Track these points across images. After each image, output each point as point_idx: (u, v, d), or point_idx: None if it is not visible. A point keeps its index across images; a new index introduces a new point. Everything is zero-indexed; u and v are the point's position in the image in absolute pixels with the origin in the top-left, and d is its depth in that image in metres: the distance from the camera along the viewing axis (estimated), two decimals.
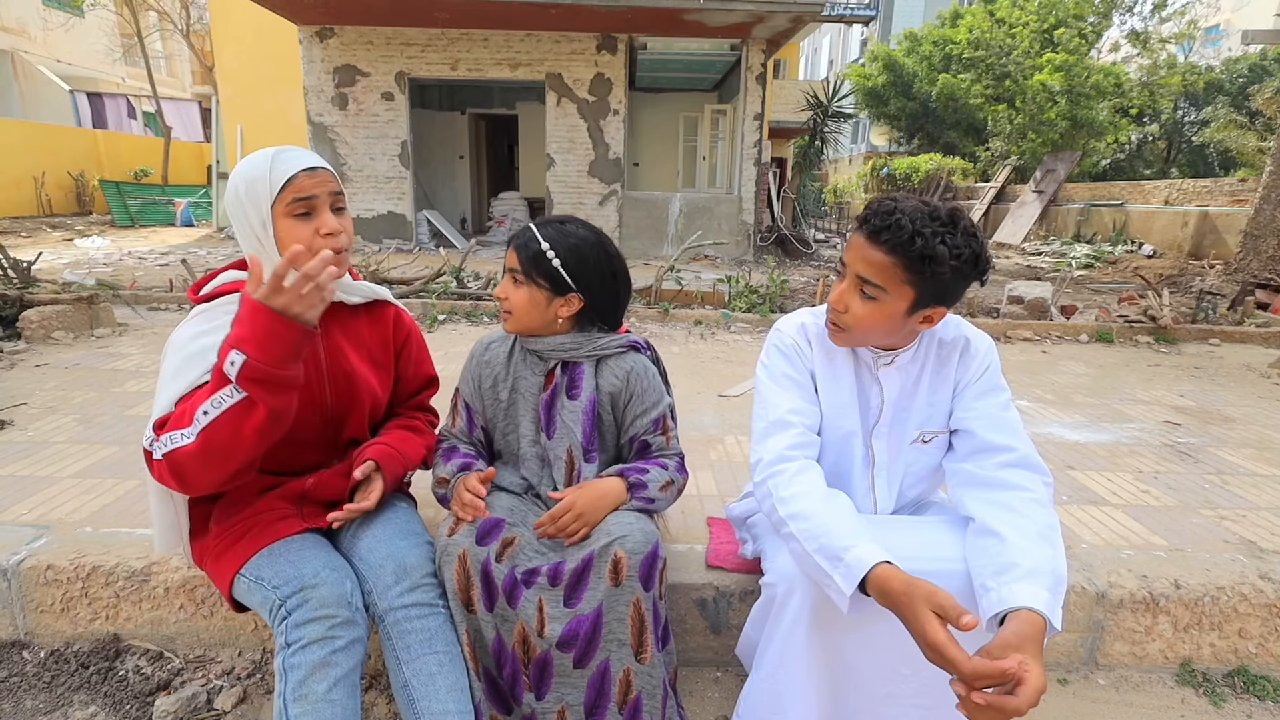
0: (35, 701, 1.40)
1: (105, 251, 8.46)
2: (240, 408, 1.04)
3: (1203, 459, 2.47)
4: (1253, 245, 6.84)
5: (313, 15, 8.56)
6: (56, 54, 16.73)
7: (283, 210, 1.17)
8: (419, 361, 1.48)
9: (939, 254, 1.04)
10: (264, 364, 1.00)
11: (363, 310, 1.36)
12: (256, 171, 1.17)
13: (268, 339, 1.00)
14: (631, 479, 1.31)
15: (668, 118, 12.06)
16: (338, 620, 1.10)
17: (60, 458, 2.16)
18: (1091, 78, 14.33)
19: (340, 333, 1.31)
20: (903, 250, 1.06)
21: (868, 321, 1.14)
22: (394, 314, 1.42)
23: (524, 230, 1.34)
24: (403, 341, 1.44)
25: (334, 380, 1.30)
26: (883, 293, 1.10)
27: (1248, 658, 1.59)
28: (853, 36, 29.89)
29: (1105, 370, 3.84)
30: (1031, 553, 1.02)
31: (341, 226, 1.22)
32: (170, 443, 1.06)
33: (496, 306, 4.97)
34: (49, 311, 3.77)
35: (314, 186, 1.18)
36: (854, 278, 1.13)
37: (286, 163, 1.17)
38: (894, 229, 1.06)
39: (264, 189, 1.16)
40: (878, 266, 1.09)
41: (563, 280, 1.31)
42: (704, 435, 2.59)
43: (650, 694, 1.19)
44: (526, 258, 1.30)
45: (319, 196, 1.19)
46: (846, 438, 1.27)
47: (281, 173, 1.16)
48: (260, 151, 1.19)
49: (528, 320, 1.34)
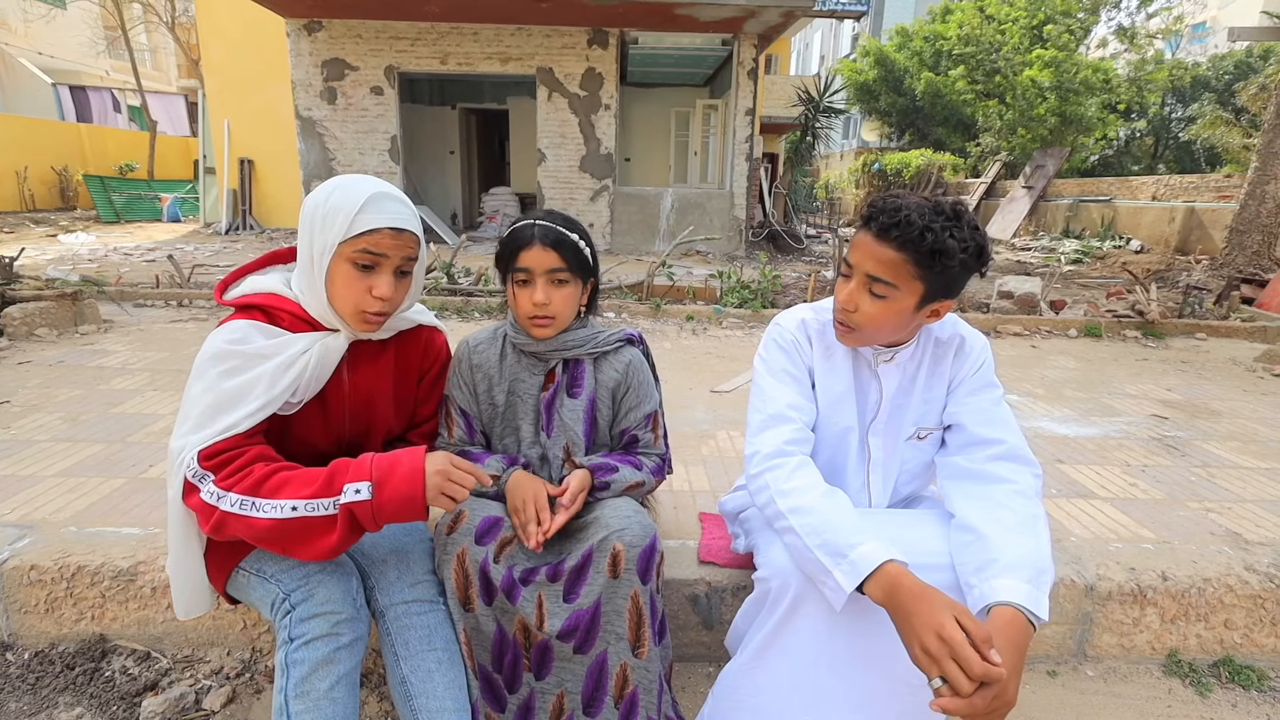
0: (19, 704, 1.38)
1: (90, 247, 8.35)
2: (325, 522, 1.02)
3: (1189, 452, 2.50)
4: (1238, 241, 6.91)
5: (300, 8, 8.46)
6: (38, 46, 16.48)
7: (347, 252, 1.10)
8: (442, 388, 1.42)
9: (949, 248, 1.05)
10: (375, 514, 1.02)
11: (393, 338, 1.31)
12: (344, 203, 1.09)
13: (398, 503, 1.02)
14: (597, 480, 1.31)
15: (659, 113, 12.02)
16: (342, 617, 1.09)
17: (44, 456, 2.13)
18: (1080, 74, 14.43)
19: (367, 366, 1.26)
20: (913, 246, 1.05)
21: (879, 320, 1.13)
22: (426, 337, 1.36)
23: (542, 229, 1.25)
24: (431, 364, 1.39)
25: (354, 412, 1.27)
26: (894, 290, 1.09)
27: (1233, 648, 1.61)
28: (844, 32, 29.91)
29: (1094, 365, 3.87)
30: (1011, 546, 1.02)
31: (396, 294, 1.14)
32: (236, 505, 1.01)
33: (487, 303, 4.95)
34: (32, 308, 3.71)
35: (392, 249, 1.11)
36: (863, 277, 1.12)
37: (377, 212, 1.10)
38: (903, 225, 1.05)
39: (340, 223, 1.09)
40: (888, 264, 1.08)
41: (590, 267, 1.30)
42: (696, 430, 2.59)
43: (646, 688, 1.19)
44: (569, 254, 1.25)
45: (390, 258, 1.12)
46: (842, 434, 1.27)
47: (368, 221, 1.09)
48: (361, 181, 1.11)
49: (567, 321, 1.31)
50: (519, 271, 1.26)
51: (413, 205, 1.18)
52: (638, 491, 1.37)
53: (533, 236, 1.25)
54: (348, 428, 1.27)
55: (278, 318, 1.17)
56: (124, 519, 1.73)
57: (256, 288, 1.19)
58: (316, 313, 1.16)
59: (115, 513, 1.76)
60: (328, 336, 1.17)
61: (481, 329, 1.44)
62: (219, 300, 1.21)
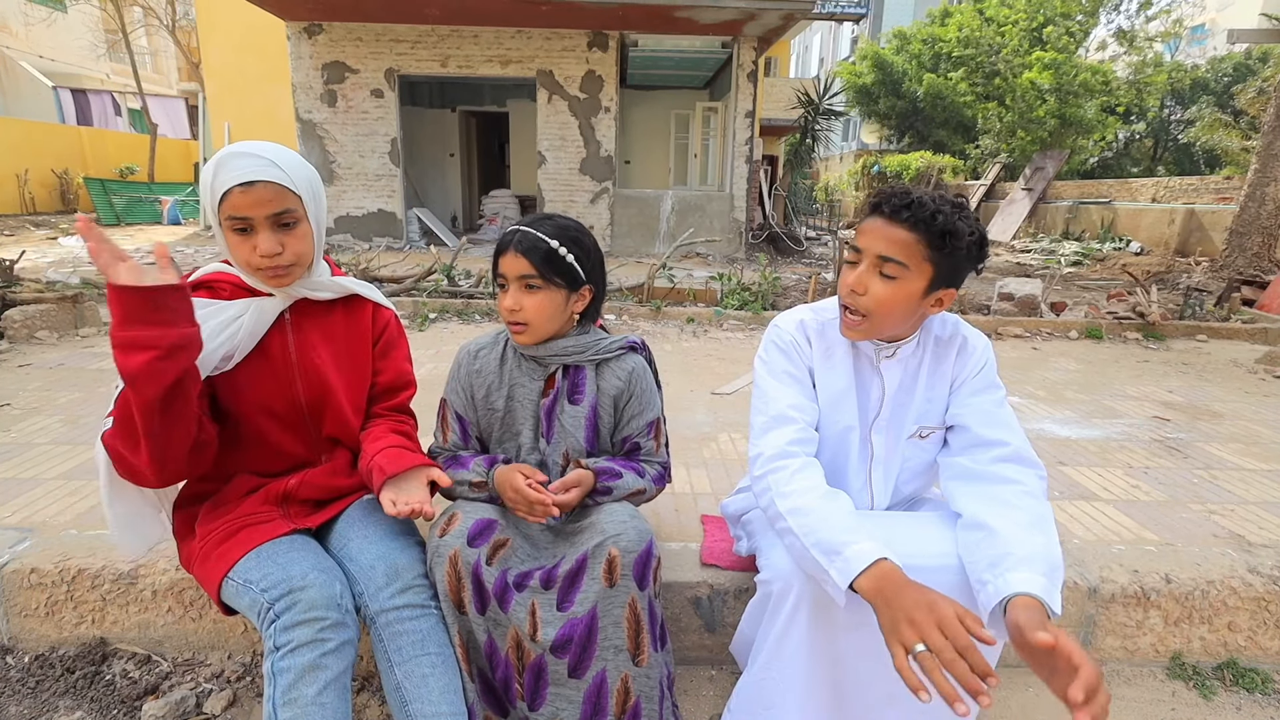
0: (20, 708, 1.37)
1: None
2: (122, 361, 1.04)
3: (1191, 454, 2.49)
4: (1238, 242, 6.92)
5: (301, 11, 8.48)
6: (39, 49, 16.50)
7: (224, 222, 1.15)
8: (397, 359, 1.42)
9: (959, 229, 1.08)
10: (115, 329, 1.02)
11: (339, 305, 1.34)
12: (207, 174, 1.13)
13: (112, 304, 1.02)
14: (600, 484, 1.30)
15: (659, 115, 12.04)
16: (327, 623, 1.08)
17: (44, 459, 2.12)
18: (1080, 76, 14.46)
19: (312, 327, 1.30)
20: (925, 226, 1.08)
21: (889, 303, 1.14)
22: (371, 309, 1.38)
23: (520, 235, 1.25)
24: (379, 336, 1.39)
25: (305, 374, 1.29)
26: (905, 270, 1.11)
27: (1237, 650, 1.60)
28: (843, 34, 29.95)
29: (1095, 366, 3.87)
30: (1025, 541, 1.02)
31: (279, 246, 1.16)
32: (103, 426, 1.10)
33: (488, 305, 4.95)
34: (32, 311, 3.71)
35: (248, 207, 1.13)
36: (873, 259, 1.13)
37: (226, 172, 1.12)
38: (915, 206, 1.09)
39: (208, 195, 1.14)
40: (900, 244, 1.10)
41: (577, 275, 1.29)
42: (697, 433, 2.59)
43: (648, 697, 1.18)
44: (539, 260, 1.25)
45: (253, 217, 1.14)
46: (844, 433, 1.26)
47: (219, 184, 1.12)
48: (221, 150, 1.15)
49: (547, 327, 1.30)
50: (499, 277, 1.30)
51: (280, 156, 1.16)
52: (639, 499, 1.36)
53: (510, 242, 1.27)
54: (300, 389, 1.29)
55: (219, 290, 1.24)
56: None
57: (202, 272, 1.26)
58: (249, 280, 1.24)
59: None
60: (264, 300, 1.24)
61: (483, 334, 1.44)
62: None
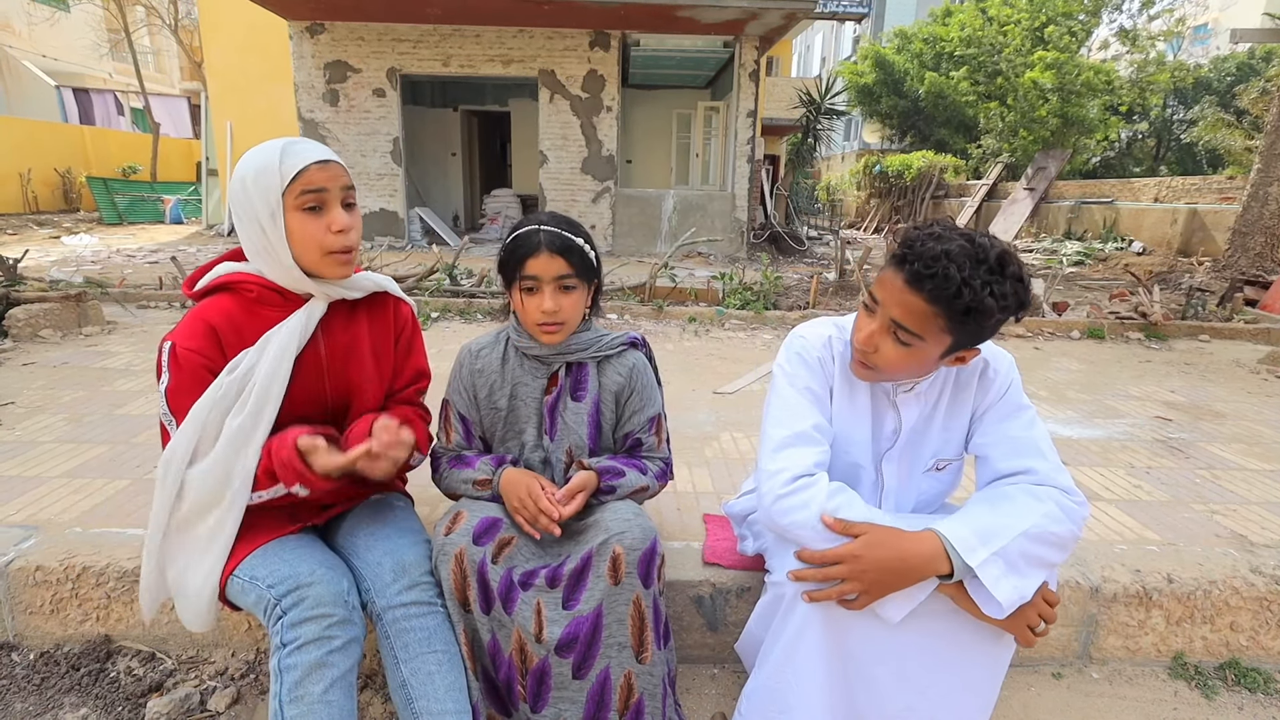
0: (25, 705, 1.38)
1: (93, 249, 8.37)
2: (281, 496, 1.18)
3: (1194, 454, 2.49)
4: (1241, 242, 6.90)
5: (303, 11, 8.48)
6: (42, 49, 16.52)
7: (292, 203, 1.14)
8: (414, 352, 1.44)
9: (987, 307, 0.96)
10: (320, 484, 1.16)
11: (362, 304, 1.33)
12: (266, 161, 1.13)
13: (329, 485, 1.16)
14: (603, 483, 1.31)
15: (661, 114, 12.03)
16: (334, 620, 1.08)
17: (49, 457, 2.13)
18: (1082, 75, 14.41)
19: (340, 329, 1.29)
20: (946, 303, 0.96)
21: (899, 365, 1.07)
22: (394, 303, 1.39)
23: (548, 235, 1.23)
24: (399, 331, 1.40)
25: (333, 376, 1.28)
26: (918, 340, 1.02)
27: (1239, 650, 1.60)
28: (845, 34, 29.91)
29: (1097, 366, 3.87)
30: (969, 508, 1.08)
31: (352, 223, 1.20)
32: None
33: (490, 304, 4.95)
34: (36, 310, 3.72)
35: (326, 180, 1.15)
36: (887, 321, 1.04)
37: (298, 154, 1.14)
38: (940, 279, 0.95)
39: (273, 179, 1.13)
40: (917, 315, 1.00)
41: (594, 270, 1.30)
42: (699, 433, 2.59)
43: (651, 694, 1.18)
44: (576, 259, 1.24)
45: (330, 190, 1.16)
46: (855, 460, 1.23)
47: (292, 164, 1.13)
48: (270, 142, 1.16)
49: (575, 325, 1.31)
50: (526, 279, 1.25)
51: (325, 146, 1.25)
52: (642, 496, 1.36)
53: (539, 243, 1.23)
54: (329, 391, 1.28)
55: (244, 290, 1.21)
56: (129, 520, 1.73)
57: (216, 274, 1.23)
58: (285, 282, 1.20)
59: (120, 514, 1.77)
60: (312, 305, 1.23)
61: (483, 334, 1.43)
62: (187, 294, 1.25)
